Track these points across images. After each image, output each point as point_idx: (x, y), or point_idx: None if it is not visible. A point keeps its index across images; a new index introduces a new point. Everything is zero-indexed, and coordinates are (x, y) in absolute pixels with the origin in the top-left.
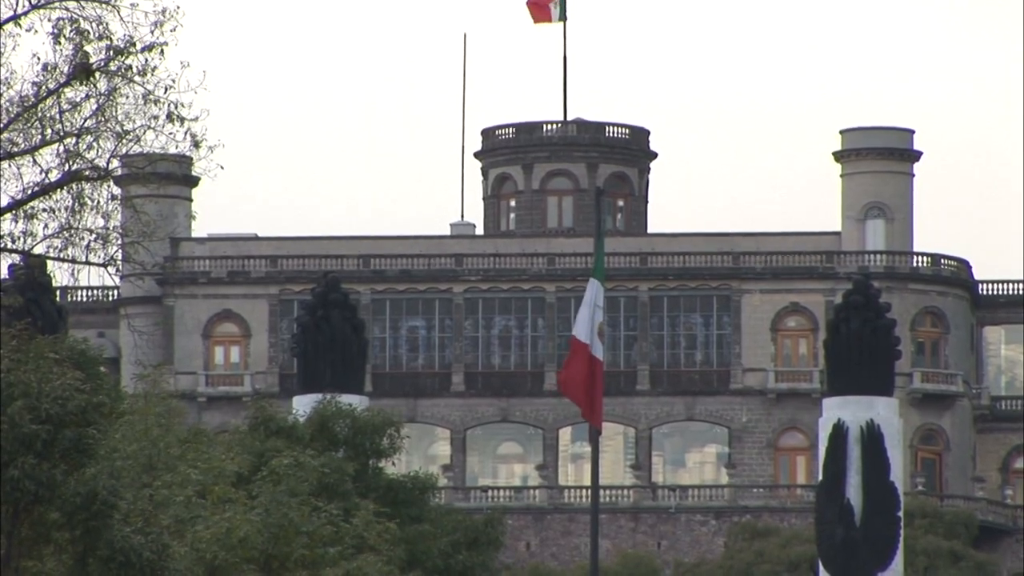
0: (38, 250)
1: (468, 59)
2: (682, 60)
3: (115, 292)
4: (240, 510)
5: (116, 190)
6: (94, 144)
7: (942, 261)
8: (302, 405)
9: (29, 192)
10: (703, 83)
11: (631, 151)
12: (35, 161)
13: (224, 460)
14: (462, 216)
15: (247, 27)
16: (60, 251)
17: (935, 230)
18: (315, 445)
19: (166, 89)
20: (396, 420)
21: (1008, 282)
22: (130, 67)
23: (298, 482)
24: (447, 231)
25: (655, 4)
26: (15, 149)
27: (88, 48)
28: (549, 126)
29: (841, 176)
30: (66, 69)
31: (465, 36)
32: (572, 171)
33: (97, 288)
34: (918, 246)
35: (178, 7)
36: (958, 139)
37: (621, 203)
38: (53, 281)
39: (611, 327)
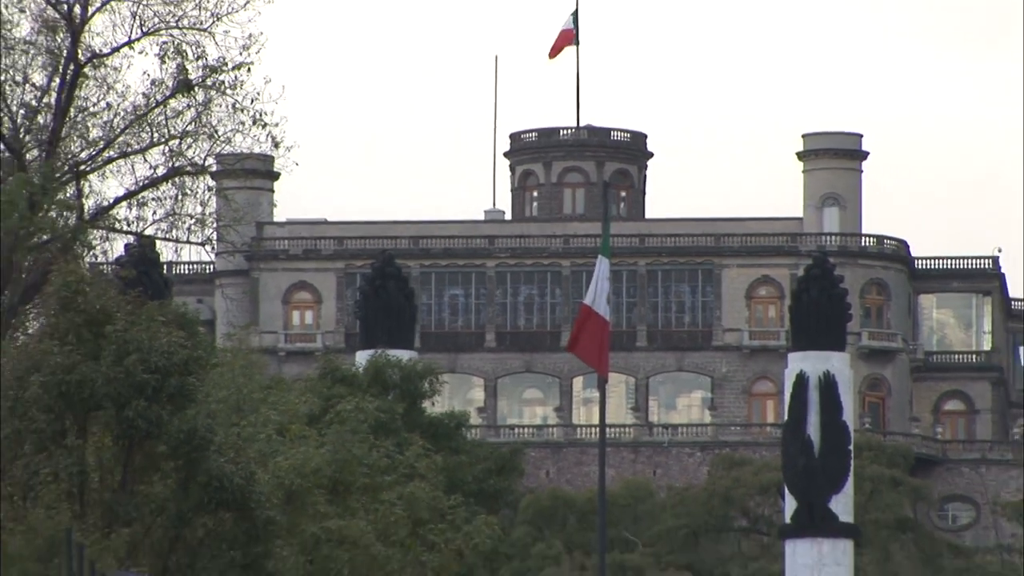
0: (148, 232)
1: (499, 77)
2: (674, 77)
3: (211, 266)
4: (312, 445)
5: (211, 183)
6: (193, 145)
7: (885, 241)
8: (362, 358)
9: (140, 184)
10: (691, 96)
11: (632, 151)
12: (145, 159)
13: (298, 404)
14: (494, 204)
15: (321, 47)
16: (166, 233)
17: (880, 216)
18: (372, 390)
19: (252, 100)
20: (436, 369)
21: (939, 258)
22: (222, 82)
23: (358, 422)
24: (481, 217)
25: (652, 32)
26: (129, 149)
27: (188, 67)
28: (565, 131)
29: (803, 172)
30: (170, 84)
31: (496, 58)
32: (583, 168)
33: (196, 263)
34: (866, 229)
35: (261, 32)
36: (899, 141)
37: (624, 194)
38: (160, 257)
39: (615, 295)
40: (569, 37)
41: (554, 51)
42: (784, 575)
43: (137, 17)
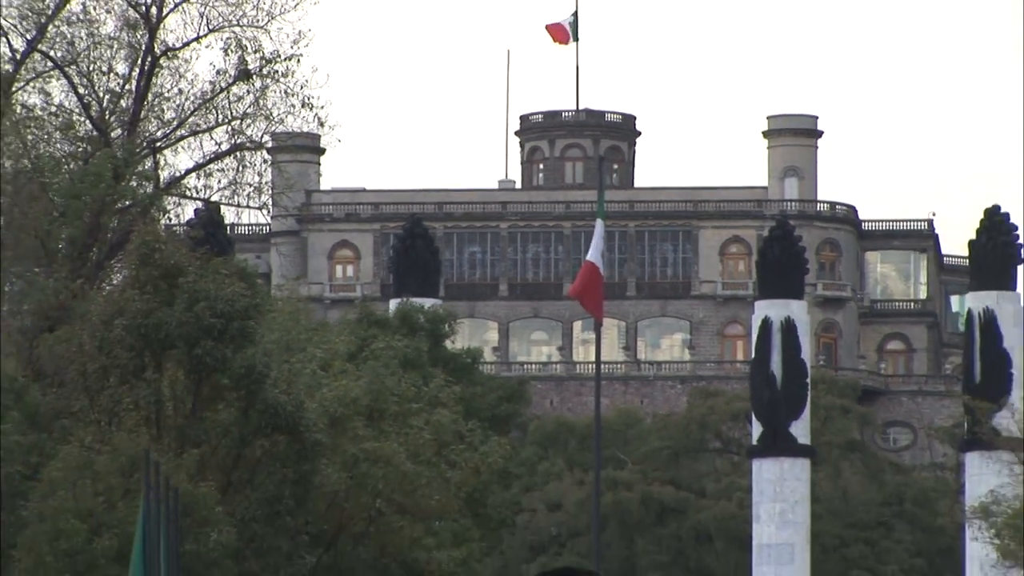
0: (213, 198)
1: (510, 68)
2: (659, 68)
3: (267, 227)
4: (351, 378)
5: (267, 157)
6: (251, 125)
7: (837, 207)
8: (394, 305)
9: (207, 158)
10: (674, 84)
11: (623, 130)
12: (211, 137)
13: (338, 343)
14: (506, 175)
15: (361, 41)
16: (229, 199)
17: (832, 185)
18: (401, 332)
19: (301, 87)
20: (456, 314)
21: (883, 221)
22: (276, 71)
23: (389, 359)
24: (496, 186)
25: (642, 29)
26: (197, 129)
27: (247, 58)
28: (566, 113)
29: (767, 148)
30: (232, 73)
31: (508, 52)
32: (582, 144)
33: (254, 225)
34: (820, 196)
35: (309, 29)
36: (850, 121)
37: (616, 166)
38: (224, 220)
39: (609, 251)
40: (566, 36)
41: (556, 36)
42: (752, 489)
43: (204, 16)
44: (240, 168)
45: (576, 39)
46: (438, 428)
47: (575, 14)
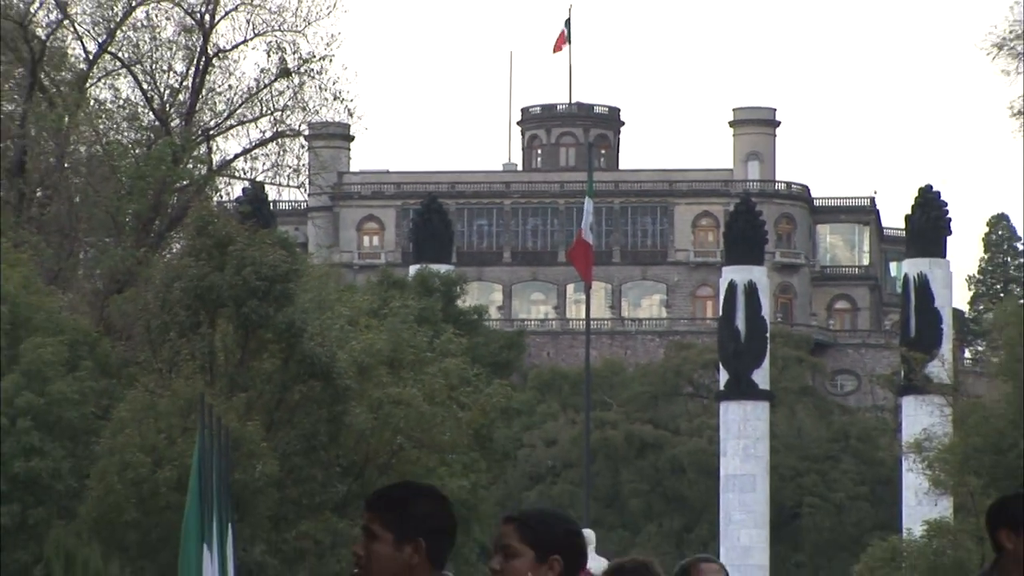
0: (259, 178)
1: (513, 67)
2: (640, 66)
3: (304, 204)
4: (375, 332)
5: (304, 143)
6: (290, 115)
7: (792, 186)
8: (413, 270)
9: (253, 144)
10: (653, 80)
11: (609, 120)
12: (256, 126)
13: (363, 302)
14: (509, 159)
15: (387, 42)
16: (271, 179)
17: (789, 168)
18: (418, 292)
19: (333, 82)
20: (466, 278)
21: (832, 198)
22: (312, 69)
23: (405, 315)
24: (500, 168)
25: (626, 33)
26: (244, 119)
27: (287, 58)
28: (561, 106)
29: (733, 136)
30: (274, 71)
31: (511, 54)
32: (574, 132)
33: (293, 201)
34: (778, 177)
35: (340, 33)
36: (803, 113)
37: (603, 152)
38: (267, 197)
39: (597, 224)
40: (562, 39)
41: (556, 48)
42: (719, 428)
43: (250, 23)
44: (281, 153)
45: (569, 42)
46: (448, 374)
47: (568, 22)
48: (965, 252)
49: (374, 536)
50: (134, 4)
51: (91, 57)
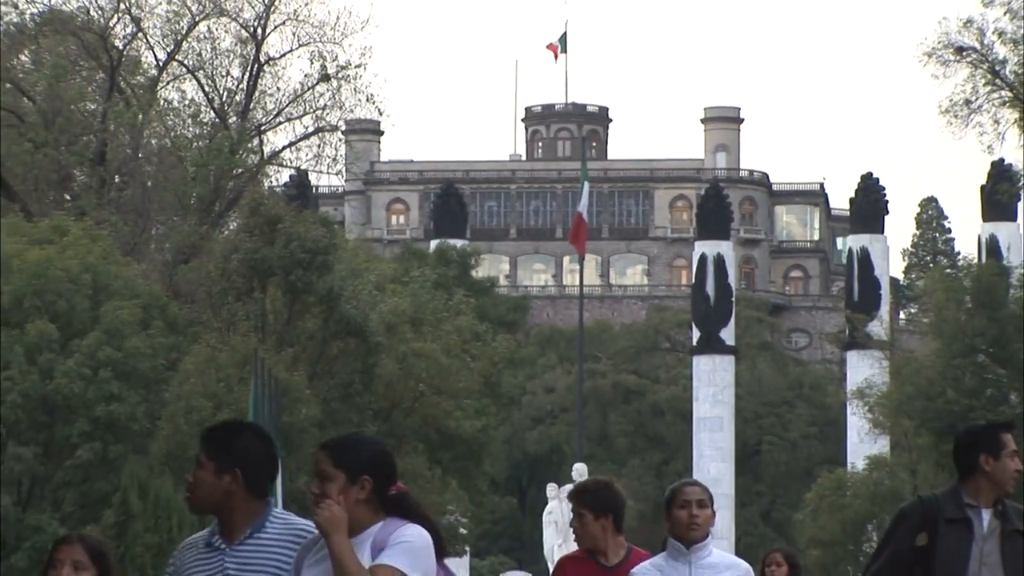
0: (303, 167)
1: (519, 73)
2: (625, 72)
3: (341, 188)
4: (400, 296)
5: (342, 136)
6: (329, 113)
7: (754, 173)
8: (434, 244)
9: (298, 137)
10: (636, 83)
11: (599, 118)
12: (300, 122)
13: (390, 270)
14: (515, 151)
15: (412, 51)
16: (314, 167)
17: (751, 158)
18: (439, 263)
19: (366, 86)
20: (479, 251)
21: (787, 183)
22: (348, 75)
23: (425, 282)
24: (507, 158)
25: (612, 43)
26: (291, 117)
27: (327, 65)
28: (558, 105)
29: (704, 130)
30: (316, 76)
31: (516, 62)
32: (570, 128)
33: (332, 186)
34: (742, 166)
35: (371, 44)
36: (764, 111)
37: (594, 144)
38: (310, 182)
39: (589, 206)
40: (557, 50)
41: (553, 50)
42: (692, 377)
43: (295, 35)
44: (321, 145)
45: (565, 52)
46: (461, 331)
47: (564, 35)
48: (900, 229)
49: (201, 465)
50: (197, 19)
51: (161, 64)
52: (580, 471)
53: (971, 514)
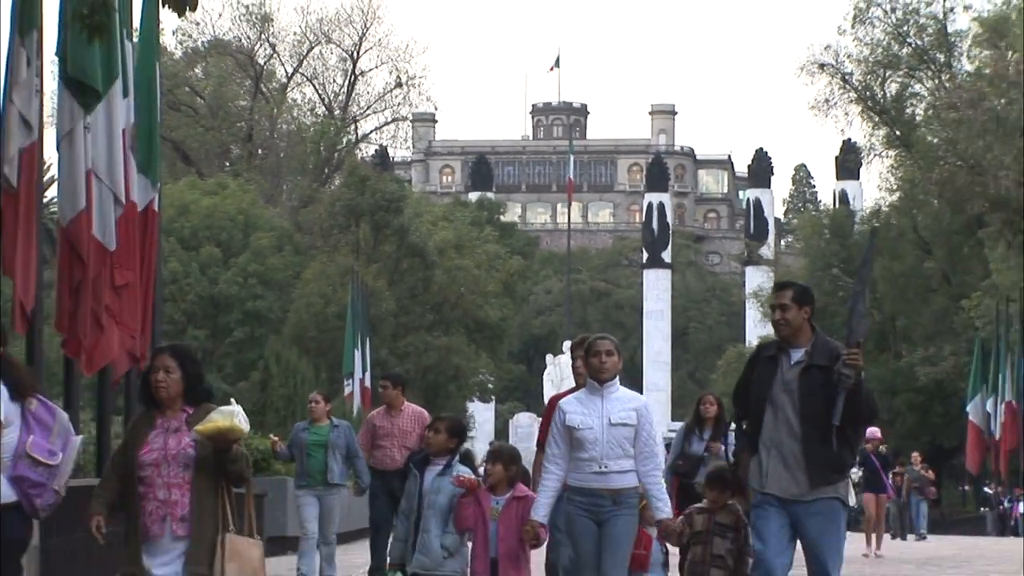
0: (384, 143)
1: (528, 81)
2: (598, 82)
3: (409, 157)
4: (447, 231)
5: (409, 124)
6: (401, 107)
7: (684, 148)
8: (474, 196)
9: (380, 124)
10: (607, 88)
11: (581, 111)
12: (382, 114)
13: (441, 212)
14: (525, 133)
15: (460, 66)
16: (391, 144)
17: (682, 137)
18: (475, 209)
19: (427, 90)
20: (503, 202)
21: (707, 155)
22: (413, 83)
23: (464, 220)
24: (519, 138)
25: (589, 62)
26: (377, 110)
27: (400, 76)
28: (554, 103)
29: (651, 119)
30: (392, 83)
31: (526, 75)
32: (562, 118)
33: (403, 156)
34: (677, 143)
35: (428, 63)
36: (691, 106)
37: (578, 130)
38: (389, 154)
39: (574, 170)
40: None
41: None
42: (642, 285)
43: (379, 56)
44: (396, 129)
45: (558, 67)
46: (489, 253)
47: (557, 58)
48: (781, 185)
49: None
50: (313, 45)
51: (288, 75)
52: (568, 346)
53: (781, 353)
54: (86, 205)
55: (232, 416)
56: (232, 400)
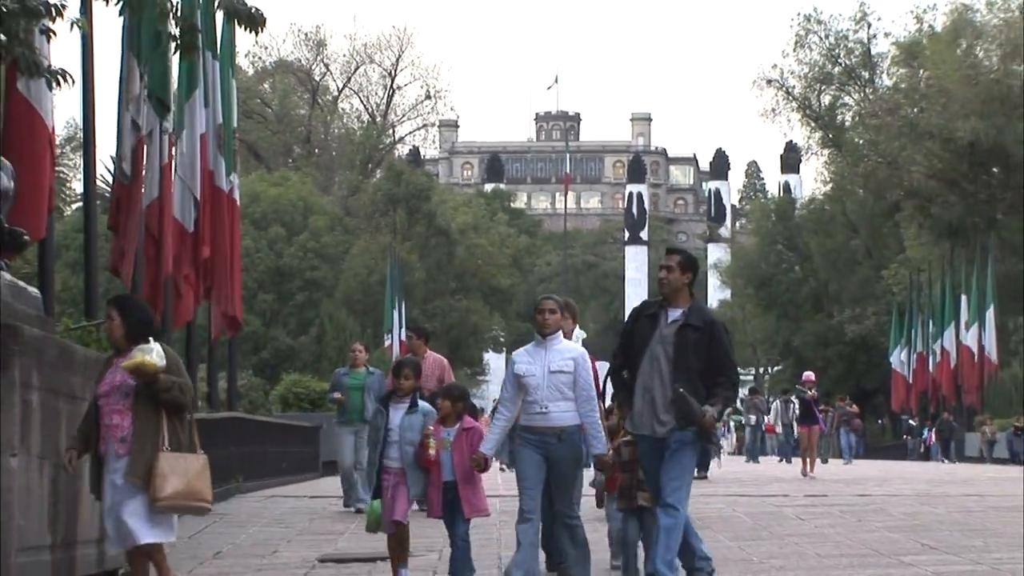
0: (416, 144)
1: (532, 95)
2: (589, 94)
3: (437, 156)
4: (467, 215)
5: (437, 130)
6: (430, 115)
7: (659, 149)
8: (489, 187)
9: (412, 129)
10: (595, 99)
11: (575, 119)
12: (414, 121)
13: (462, 199)
14: (531, 136)
15: (476, 82)
16: (422, 145)
17: (657, 140)
18: (489, 198)
19: (451, 101)
20: (512, 191)
21: (678, 155)
22: (440, 96)
23: (481, 206)
24: (526, 140)
25: (580, 77)
26: (410, 118)
27: (429, 90)
28: (553, 112)
29: (632, 125)
30: (423, 96)
31: (531, 90)
32: (560, 123)
33: (432, 155)
34: (652, 144)
35: (452, 80)
36: (665, 114)
37: (572, 134)
38: (421, 153)
39: (570, 166)
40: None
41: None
42: (624, 258)
43: (412, 73)
44: (426, 133)
45: (556, 83)
46: (501, 233)
47: (556, 77)
48: (736, 178)
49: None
50: (359, 65)
51: (339, 89)
52: None
53: (661, 311)
54: (159, 194)
55: (146, 353)
56: (151, 339)
